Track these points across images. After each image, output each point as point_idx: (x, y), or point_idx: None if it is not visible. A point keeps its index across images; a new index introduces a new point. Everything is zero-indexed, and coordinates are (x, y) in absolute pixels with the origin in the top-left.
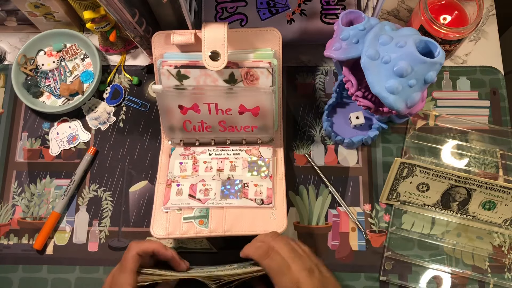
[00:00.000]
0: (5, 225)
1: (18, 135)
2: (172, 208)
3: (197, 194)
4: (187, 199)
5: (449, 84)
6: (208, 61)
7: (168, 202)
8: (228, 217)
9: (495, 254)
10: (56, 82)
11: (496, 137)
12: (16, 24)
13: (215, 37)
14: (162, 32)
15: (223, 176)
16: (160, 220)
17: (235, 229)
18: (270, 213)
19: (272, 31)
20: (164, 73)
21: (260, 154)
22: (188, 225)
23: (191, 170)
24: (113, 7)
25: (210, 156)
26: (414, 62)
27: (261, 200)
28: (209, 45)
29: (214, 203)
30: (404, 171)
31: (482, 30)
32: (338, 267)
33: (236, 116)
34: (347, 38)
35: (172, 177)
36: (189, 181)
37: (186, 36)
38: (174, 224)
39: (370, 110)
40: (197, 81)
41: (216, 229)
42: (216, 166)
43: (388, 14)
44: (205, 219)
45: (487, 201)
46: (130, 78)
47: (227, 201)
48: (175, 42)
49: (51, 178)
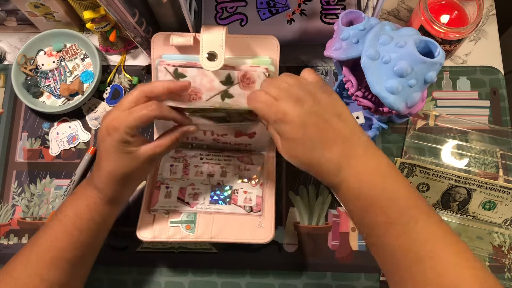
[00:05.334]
0: (5, 225)
1: (18, 135)
2: (160, 210)
3: (186, 198)
4: (175, 202)
5: (449, 84)
6: (205, 61)
7: (156, 204)
8: (215, 223)
9: (495, 254)
10: (56, 82)
11: (496, 137)
12: (16, 24)
13: (213, 39)
14: (162, 33)
15: (213, 181)
16: (147, 223)
17: (222, 236)
18: (258, 222)
19: (271, 39)
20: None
21: (252, 162)
22: (175, 229)
23: (181, 173)
24: (113, 7)
25: (201, 161)
26: (414, 62)
27: (250, 208)
28: (207, 45)
29: (203, 208)
30: (404, 171)
31: (482, 30)
32: (338, 267)
33: (231, 138)
34: (347, 38)
35: (162, 179)
36: (179, 184)
37: (185, 37)
38: (160, 227)
39: (370, 110)
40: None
41: (202, 234)
42: (207, 171)
43: (388, 14)
44: (192, 224)
45: (487, 201)
46: (130, 78)
47: (216, 206)
48: (174, 43)
49: (51, 178)
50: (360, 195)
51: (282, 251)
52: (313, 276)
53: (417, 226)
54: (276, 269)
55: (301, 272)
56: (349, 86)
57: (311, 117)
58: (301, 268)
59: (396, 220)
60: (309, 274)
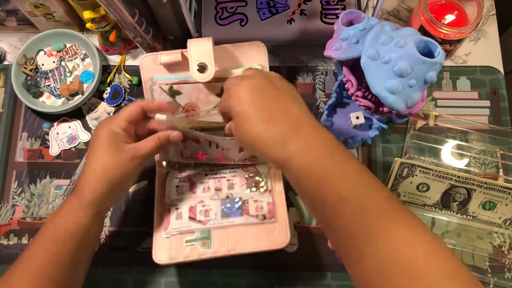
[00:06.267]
0: (5, 225)
1: (18, 135)
2: (173, 233)
3: (197, 216)
4: (187, 222)
5: (449, 84)
6: (195, 73)
7: (169, 227)
8: (231, 236)
9: (495, 254)
10: (56, 82)
11: (496, 137)
12: (16, 24)
13: (201, 50)
14: (149, 54)
15: (222, 195)
16: (162, 245)
17: (239, 247)
18: (273, 228)
19: (257, 44)
20: (156, 90)
21: (257, 170)
22: (191, 248)
23: (189, 192)
24: (113, 7)
25: (206, 176)
26: (414, 62)
27: (263, 216)
28: (196, 57)
29: (216, 223)
30: (404, 171)
31: (482, 30)
32: (338, 267)
33: (235, 153)
34: (347, 38)
35: (170, 201)
36: (188, 203)
37: (173, 54)
38: (176, 248)
39: (370, 110)
40: (190, 96)
41: (219, 249)
42: (213, 186)
43: (388, 14)
44: (208, 240)
45: (487, 201)
46: (130, 78)
47: (229, 220)
48: (162, 62)
49: (51, 178)
50: (310, 171)
51: (282, 251)
52: (313, 276)
53: (369, 204)
54: (276, 269)
55: (301, 272)
56: (349, 86)
57: (261, 93)
58: (301, 268)
59: (347, 199)
60: (309, 274)
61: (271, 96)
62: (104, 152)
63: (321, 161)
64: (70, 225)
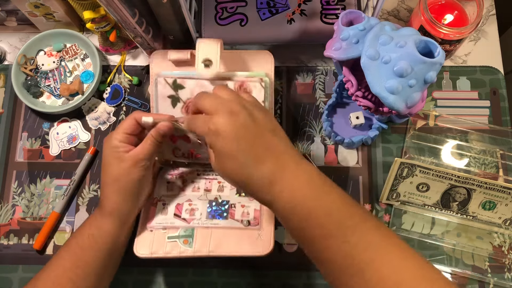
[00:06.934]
0: (5, 225)
1: (18, 135)
2: (157, 227)
3: (182, 214)
4: (172, 218)
5: (449, 84)
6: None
7: (153, 221)
8: (213, 237)
9: (495, 254)
10: (56, 82)
11: (496, 137)
12: (16, 24)
13: (209, 48)
14: (159, 51)
15: (210, 197)
16: (145, 239)
17: (221, 249)
18: (257, 234)
19: (266, 54)
20: (161, 82)
21: None
22: (172, 244)
23: (179, 190)
24: (113, 7)
25: (198, 176)
26: (414, 62)
27: (247, 222)
28: (203, 53)
29: (200, 223)
30: (404, 171)
31: (482, 30)
32: None
33: None
34: (347, 38)
35: (159, 195)
36: (176, 200)
37: (182, 53)
38: (158, 243)
39: (370, 110)
40: (192, 92)
41: (200, 249)
42: (204, 186)
43: (388, 14)
44: (190, 238)
45: (487, 201)
46: (130, 78)
47: (213, 221)
48: (171, 58)
49: (51, 178)
50: (295, 210)
51: (282, 251)
52: (313, 276)
53: (355, 236)
54: (276, 269)
55: (301, 272)
56: (349, 86)
57: (245, 131)
58: (301, 268)
59: (333, 233)
60: (309, 274)
61: (254, 134)
62: (110, 165)
63: (305, 199)
64: (94, 230)
